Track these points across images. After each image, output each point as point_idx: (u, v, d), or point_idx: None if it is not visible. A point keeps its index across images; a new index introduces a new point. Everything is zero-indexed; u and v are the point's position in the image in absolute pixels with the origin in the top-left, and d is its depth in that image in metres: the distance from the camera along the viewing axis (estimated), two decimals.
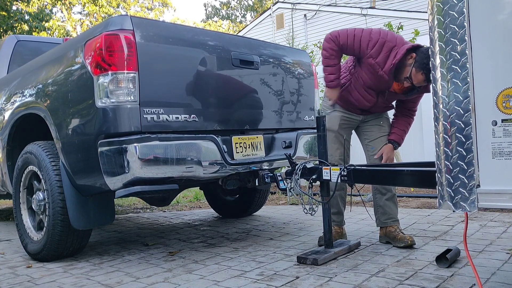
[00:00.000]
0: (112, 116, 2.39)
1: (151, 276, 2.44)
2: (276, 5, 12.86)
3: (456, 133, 1.57)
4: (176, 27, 2.86)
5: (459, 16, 1.55)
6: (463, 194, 1.59)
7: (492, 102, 1.51)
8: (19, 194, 3.15)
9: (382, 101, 2.87)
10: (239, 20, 31.39)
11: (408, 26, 6.73)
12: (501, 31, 1.49)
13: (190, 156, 2.54)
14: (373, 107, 2.90)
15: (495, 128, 1.51)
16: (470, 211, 1.57)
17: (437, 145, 1.63)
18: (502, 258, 2.41)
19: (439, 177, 1.65)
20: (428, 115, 6.85)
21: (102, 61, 2.40)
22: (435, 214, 3.83)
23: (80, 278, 2.47)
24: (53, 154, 2.82)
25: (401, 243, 2.73)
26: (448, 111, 1.58)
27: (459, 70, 1.56)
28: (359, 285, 2.09)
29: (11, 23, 13.09)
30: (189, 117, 2.61)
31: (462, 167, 1.57)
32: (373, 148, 2.94)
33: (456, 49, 1.55)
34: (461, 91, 1.56)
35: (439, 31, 1.59)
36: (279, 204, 5.26)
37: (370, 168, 2.50)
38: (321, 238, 2.88)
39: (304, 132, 3.40)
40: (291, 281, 2.21)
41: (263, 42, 3.39)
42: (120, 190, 2.47)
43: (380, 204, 2.92)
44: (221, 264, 2.62)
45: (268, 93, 3.18)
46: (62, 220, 2.71)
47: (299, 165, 2.67)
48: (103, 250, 3.17)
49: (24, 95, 3.12)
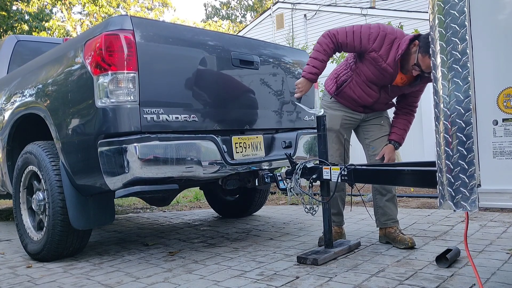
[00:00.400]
0: (112, 116, 2.39)
1: (151, 276, 2.44)
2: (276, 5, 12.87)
3: (457, 132, 1.57)
4: (176, 27, 2.86)
5: (460, 15, 1.55)
6: (463, 193, 1.58)
7: (493, 101, 1.51)
8: (19, 194, 3.15)
9: (385, 96, 2.85)
10: (239, 20, 31.40)
11: (408, 26, 6.73)
12: (502, 30, 1.49)
13: (190, 156, 2.54)
14: (375, 103, 2.88)
15: (496, 127, 1.50)
16: (471, 210, 1.57)
17: (437, 144, 1.63)
18: (502, 258, 2.40)
19: (439, 177, 1.64)
20: (428, 115, 6.86)
21: (102, 61, 2.39)
22: (435, 214, 3.83)
23: (80, 278, 2.47)
24: (53, 154, 2.82)
25: (401, 245, 2.73)
26: (449, 111, 1.58)
27: (460, 69, 1.56)
28: (359, 285, 2.09)
29: (11, 23, 13.09)
30: (189, 117, 2.61)
31: (463, 166, 1.57)
32: (373, 148, 2.94)
33: (457, 48, 1.55)
34: (462, 90, 1.55)
35: (440, 30, 1.59)
36: (279, 204, 5.26)
37: (370, 168, 2.49)
38: (321, 238, 2.88)
39: (304, 132, 3.40)
40: (291, 281, 2.21)
41: (263, 42, 3.39)
42: (120, 190, 2.47)
43: (380, 205, 2.91)
44: (221, 264, 2.62)
45: (268, 93, 3.18)
46: (62, 220, 2.71)
47: (299, 165, 2.66)
48: (103, 250, 3.16)
49: (24, 95, 3.12)
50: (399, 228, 2.87)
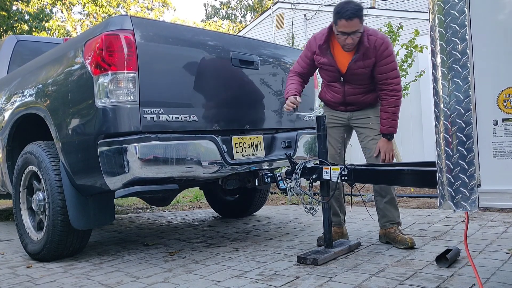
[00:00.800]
0: (112, 116, 2.39)
1: (151, 276, 2.44)
2: (276, 5, 12.86)
3: (457, 132, 1.57)
4: (176, 27, 2.86)
5: (460, 15, 1.55)
6: (463, 193, 1.58)
7: (493, 101, 1.51)
8: (19, 194, 3.15)
9: (350, 87, 2.90)
10: (239, 20, 31.40)
11: (408, 26, 6.72)
12: (502, 30, 1.49)
13: (190, 156, 2.54)
14: (347, 97, 2.93)
15: (496, 127, 1.50)
16: (471, 210, 1.57)
17: (437, 144, 1.63)
18: (502, 258, 2.40)
19: (439, 177, 1.64)
20: (428, 115, 6.87)
21: (102, 61, 2.39)
22: (435, 214, 3.83)
23: (80, 278, 2.47)
24: (53, 154, 2.82)
25: (401, 245, 2.73)
26: (449, 111, 1.58)
27: (460, 69, 1.56)
28: (359, 285, 2.09)
29: (11, 23, 13.08)
30: (189, 117, 2.61)
31: (463, 166, 1.57)
32: (369, 150, 2.93)
33: (457, 48, 1.55)
34: (462, 90, 1.55)
35: (440, 30, 1.59)
36: (279, 204, 5.26)
37: (370, 168, 2.49)
38: (320, 238, 2.88)
39: (304, 132, 3.40)
40: (291, 281, 2.21)
41: (263, 42, 3.39)
42: (120, 190, 2.47)
43: (380, 207, 2.91)
44: (221, 264, 2.62)
45: (268, 93, 3.18)
46: (62, 220, 2.71)
47: (299, 165, 2.66)
48: (103, 250, 3.16)
49: (24, 95, 3.12)
50: (399, 228, 2.87)
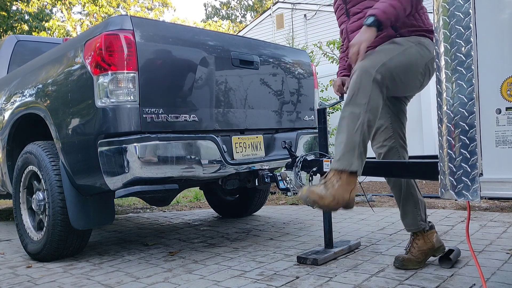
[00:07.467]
0: (112, 116, 2.39)
1: (151, 276, 2.44)
2: (276, 5, 12.86)
3: (460, 121, 1.55)
4: (176, 27, 2.86)
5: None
6: (465, 183, 1.57)
7: (497, 90, 1.50)
8: (19, 194, 3.15)
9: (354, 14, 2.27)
10: (239, 20, 31.40)
11: None
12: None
13: (190, 156, 2.54)
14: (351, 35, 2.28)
15: (499, 116, 1.49)
16: (472, 200, 1.56)
17: (439, 134, 1.61)
18: (502, 258, 2.40)
19: (441, 166, 1.63)
20: (428, 115, 6.87)
21: (102, 61, 2.40)
22: (435, 214, 3.83)
23: (80, 278, 2.47)
24: (53, 154, 2.82)
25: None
26: (452, 100, 1.57)
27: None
28: (359, 285, 2.09)
29: (11, 23, 13.09)
30: (189, 117, 2.61)
31: (465, 155, 1.56)
32: None
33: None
34: (465, 79, 1.54)
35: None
36: (279, 204, 5.26)
37: (372, 160, 2.46)
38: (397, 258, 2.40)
39: (304, 132, 3.40)
40: (291, 281, 2.21)
41: (263, 42, 3.39)
42: (120, 190, 2.47)
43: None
44: (221, 264, 2.62)
45: (268, 93, 3.18)
46: (62, 220, 2.71)
47: (300, 158, 2.64)
48: (103, 250, 3.16)
49: (24, 95, 3.12)
50: None
